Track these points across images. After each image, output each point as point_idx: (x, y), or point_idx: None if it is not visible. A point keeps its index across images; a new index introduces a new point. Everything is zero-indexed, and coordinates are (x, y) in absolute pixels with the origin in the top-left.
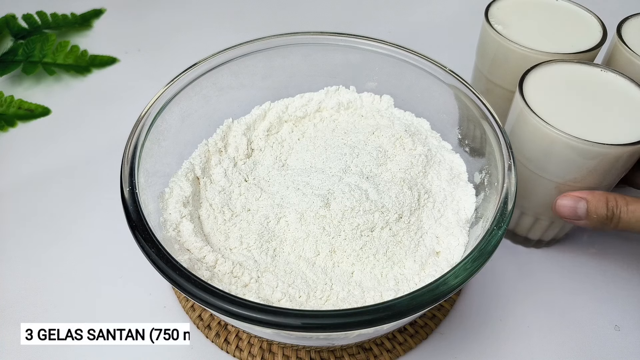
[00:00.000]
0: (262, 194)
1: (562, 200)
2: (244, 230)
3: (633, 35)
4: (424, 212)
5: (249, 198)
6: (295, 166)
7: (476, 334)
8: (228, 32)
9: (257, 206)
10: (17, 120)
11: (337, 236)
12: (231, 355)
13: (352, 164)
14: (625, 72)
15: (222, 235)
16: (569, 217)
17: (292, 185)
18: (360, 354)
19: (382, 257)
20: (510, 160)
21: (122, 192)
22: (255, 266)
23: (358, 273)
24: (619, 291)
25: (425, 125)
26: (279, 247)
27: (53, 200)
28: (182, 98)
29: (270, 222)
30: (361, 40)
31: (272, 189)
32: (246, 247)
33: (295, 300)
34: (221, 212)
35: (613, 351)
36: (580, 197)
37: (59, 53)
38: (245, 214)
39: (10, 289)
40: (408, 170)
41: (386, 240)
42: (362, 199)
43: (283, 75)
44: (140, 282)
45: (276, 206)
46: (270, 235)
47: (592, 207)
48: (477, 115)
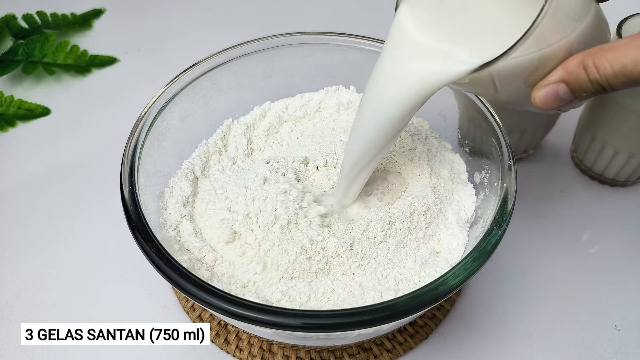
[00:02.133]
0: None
1: (538, 92)
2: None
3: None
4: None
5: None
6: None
7: (476, 334)
8: (228, 32)
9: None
10: (17, 120)
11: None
12: (231, 355)
13: None
14: None
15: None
16: (555, 106)
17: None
18: (360, 354)
19: (383, 259)
20: (510, 160)
21: (122, 192)
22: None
23: (359, 274)
24: (619, 291)
25: (425, 125)
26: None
27: (53, 200)
28: (182, 98)
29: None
30: (361, 40)
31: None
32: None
33: (296, 301)
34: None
35: (613, 351)
36: (554, 81)
37: (59, 53)
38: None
39: (10, 289)
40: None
41: (389, 244)
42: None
43: (283, 75)
44: (140, 282)
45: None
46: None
47: (574, 84)
48: (478, 115)
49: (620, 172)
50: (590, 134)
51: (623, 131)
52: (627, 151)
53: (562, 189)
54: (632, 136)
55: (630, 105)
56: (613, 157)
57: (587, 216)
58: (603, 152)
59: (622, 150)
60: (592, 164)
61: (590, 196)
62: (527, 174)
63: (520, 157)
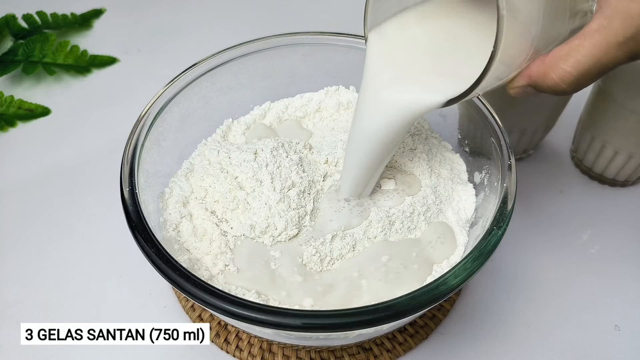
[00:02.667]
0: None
1: (510, 91)
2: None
3: None
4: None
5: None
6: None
7: (476, 334)
8: (228, 32)
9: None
10: (17, 120)
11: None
12: (231, 355)
13: None
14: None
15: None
16: (533, 96)
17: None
18: (360, 354)
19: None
20: (510, 160)
21: (122, 192)
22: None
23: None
24: (619, 291)
25: (426, 125)
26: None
27: (53, 200)
28: (182, 98)
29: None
30: (361, 40)
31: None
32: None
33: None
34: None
35: (613, 351)
36: (521, 85)
37: (59, 53)
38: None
39: (10, 289)
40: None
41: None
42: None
43: (283, 75)
44: (140, 282)
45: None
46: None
47: (540, 89)
48: (477, 115)
49: (620, 172)
50: (590, 134)
51: (623, 131)
52: (627, 151)
53: (562, 189)
54: (632, 136)
55: (630, 105)
56: (613, 157)
57: (587, 216)
58: (603, 152)
59: (622, 151)
60: (592, 164)
61: (590, 196)
62: (527, 174)
63: (520, 157)
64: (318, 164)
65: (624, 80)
